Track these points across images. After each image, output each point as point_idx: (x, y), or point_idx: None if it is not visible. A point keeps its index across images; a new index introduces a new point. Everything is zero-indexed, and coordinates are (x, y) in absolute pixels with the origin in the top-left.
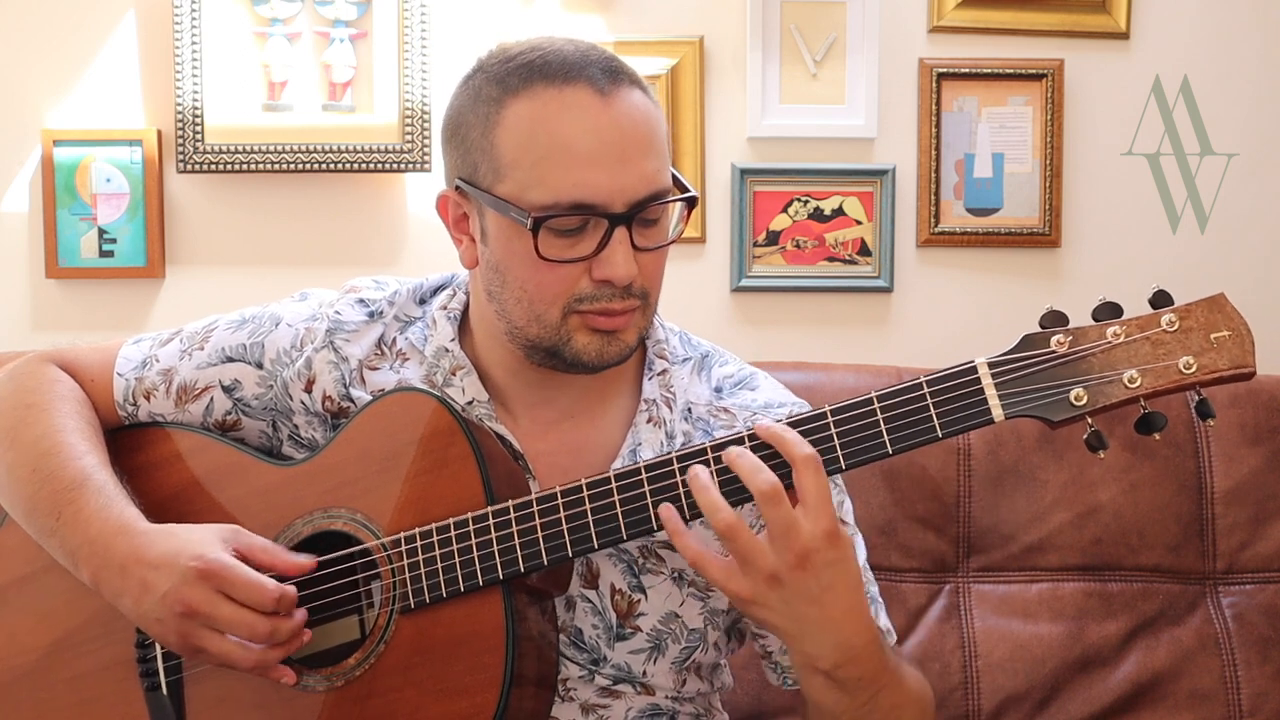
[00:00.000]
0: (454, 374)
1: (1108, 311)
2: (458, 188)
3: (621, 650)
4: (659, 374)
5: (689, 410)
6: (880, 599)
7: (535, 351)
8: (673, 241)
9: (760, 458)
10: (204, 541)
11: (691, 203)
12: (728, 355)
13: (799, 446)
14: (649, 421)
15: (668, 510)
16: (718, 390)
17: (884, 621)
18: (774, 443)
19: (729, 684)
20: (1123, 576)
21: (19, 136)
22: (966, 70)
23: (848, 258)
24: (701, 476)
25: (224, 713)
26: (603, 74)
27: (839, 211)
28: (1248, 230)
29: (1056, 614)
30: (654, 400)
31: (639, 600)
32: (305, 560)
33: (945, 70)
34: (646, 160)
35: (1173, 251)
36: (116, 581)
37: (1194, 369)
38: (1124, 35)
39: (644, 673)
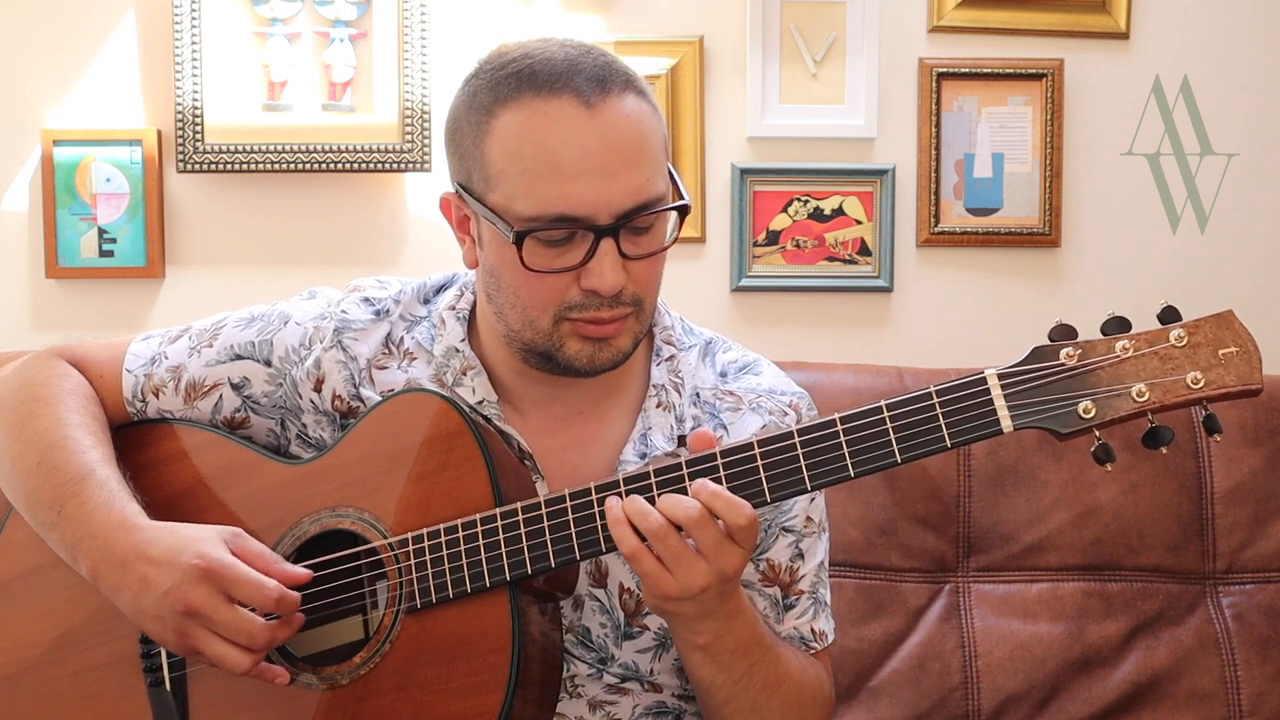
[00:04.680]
0: (464, 373)
1: (1116, 325)
2: (457, 192)
3: (629, 649)
4: (666, 360)
5: (696, 395)
6: (828, 603)
7: (531, 355)
8: (667, 248)
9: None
10: (205, 540)
11: (682, 211)
12: (730, 342)
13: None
14: (658, 406)
15: (613, 501)
16: (723, 375)
17: (822, 624)
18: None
19: None
20: (1123, 576)
21: (19, 136)
22: (966, 70)
23: (848, 258)
24: (624, 504)
25: (227, 710)
26: (589, 83)
27: (839, 211)
28: (1248, 230)
29: (1056, 614)
30: (662, 385)
31: None
32: (301, 571)
33: (945, 70)
34: (634, 171)
35: (1173, 251)
36: (116, 576)
37: (1201, 384)
38: (1124, 35)
39: (651, 671)
